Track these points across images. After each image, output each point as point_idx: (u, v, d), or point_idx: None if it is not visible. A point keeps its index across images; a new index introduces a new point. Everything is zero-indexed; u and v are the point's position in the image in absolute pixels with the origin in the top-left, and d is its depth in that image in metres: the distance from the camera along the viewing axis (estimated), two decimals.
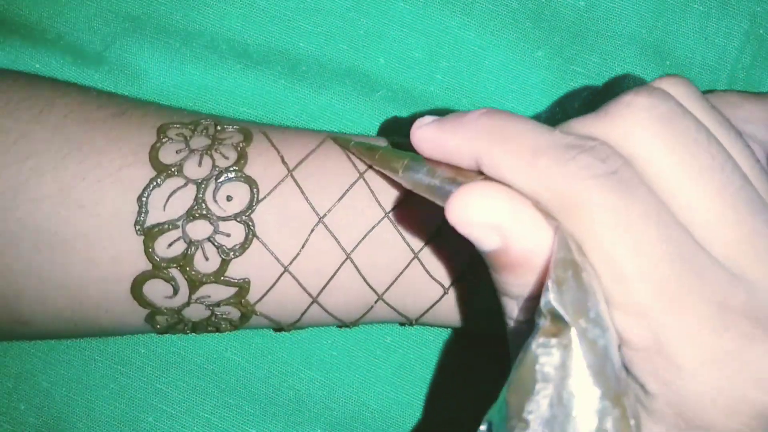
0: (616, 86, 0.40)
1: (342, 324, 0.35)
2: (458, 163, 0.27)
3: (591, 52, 0.40)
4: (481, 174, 0.26)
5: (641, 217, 0.23)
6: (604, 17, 0.39)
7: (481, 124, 0.26)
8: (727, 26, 0.40)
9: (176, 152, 0.32)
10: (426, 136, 0.27)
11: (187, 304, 0.33)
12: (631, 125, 0.24)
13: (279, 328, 0.35)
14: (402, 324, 0.37)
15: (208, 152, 0.32)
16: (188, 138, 0.33)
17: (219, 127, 0.34)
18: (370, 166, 0.33)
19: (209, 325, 0.34)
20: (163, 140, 0.32)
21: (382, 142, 0.34)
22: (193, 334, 0.35)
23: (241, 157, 0.32)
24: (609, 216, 0.23)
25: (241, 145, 0.33)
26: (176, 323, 0.34)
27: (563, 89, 0.40)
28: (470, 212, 0.24)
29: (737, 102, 0.34)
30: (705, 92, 0.39)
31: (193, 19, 0.38)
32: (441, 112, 0.29)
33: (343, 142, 0.34)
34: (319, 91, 0.39)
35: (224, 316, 0.34)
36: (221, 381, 0.39)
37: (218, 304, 0.33)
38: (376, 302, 0.34)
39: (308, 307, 0.34)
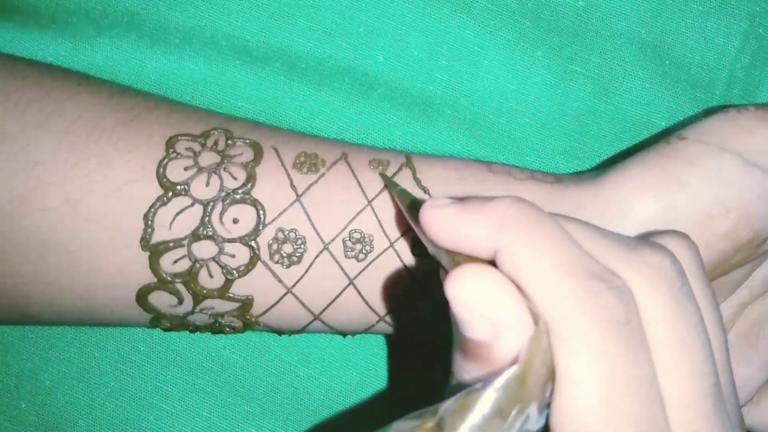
0: (615, 86, 0.40)
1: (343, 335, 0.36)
2: (469, 252, 0.24)
3: (590, 51, 0.39)
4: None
5: (629, 381, 0.22)
6: (604, 17, 0.39)
7: (512, 214, 0.24)
8: (726, 26, 0.40)
9: (184, 169, 0.32)
10: (441, 217, 0.25)
11: (192, 312, 0.33)
12: (647, 286, 0.24)
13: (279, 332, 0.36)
14: None
15: (217, 171, 0.32)
16: (197, 153, 0.32)
17: (230, 141, 0.33)
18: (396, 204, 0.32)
19: (213, 330, 0.35)
20: (172, 155, 0.32)
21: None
22: (198, 332, 0.36)
23: (250, 179, 0.32)
24: (602, 368, 0.22)
25: (250, 165, 0.32)
26: (180, 325, 0.34)
27: (562, 89, 0.39)
28: (472, 296, 0.22)
29: (752, 127, 0.32)
30: (712, 108, 0.39)
31: (193, 16, 0.38)
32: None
33: (390, 184, 0.32)
34: (317, 89, 0.39)
35: (228, 324, 0.34)
36: (220, 379, 0.39)
37: (222, 315, 0.33)
38: (377, 322, 0.34)
39: (310, 322, 0.34)
